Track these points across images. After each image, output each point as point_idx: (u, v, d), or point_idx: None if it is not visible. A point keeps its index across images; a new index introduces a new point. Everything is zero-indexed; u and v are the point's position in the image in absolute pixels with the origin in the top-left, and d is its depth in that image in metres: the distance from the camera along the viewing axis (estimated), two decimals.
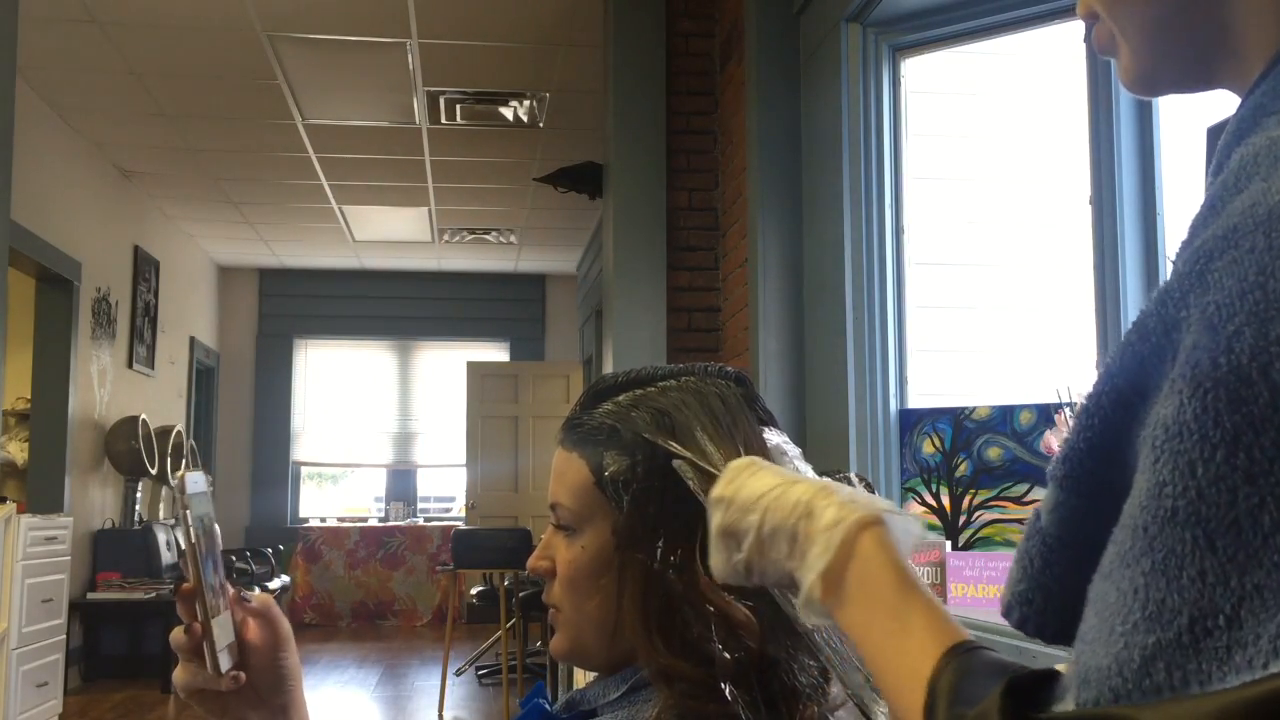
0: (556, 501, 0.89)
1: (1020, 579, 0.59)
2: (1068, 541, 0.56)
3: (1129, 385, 0.50)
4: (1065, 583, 0.56)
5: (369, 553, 9.00)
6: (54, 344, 6.00)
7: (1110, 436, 0.51)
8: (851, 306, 2.82)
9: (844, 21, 2.87)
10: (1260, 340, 0.42)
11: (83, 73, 5.23)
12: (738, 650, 0.79)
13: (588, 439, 0.88)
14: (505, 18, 4.60)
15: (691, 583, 0.81)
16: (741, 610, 0.80)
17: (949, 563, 2.35)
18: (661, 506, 0.83)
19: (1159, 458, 0.44)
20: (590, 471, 0.86)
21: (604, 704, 0.86)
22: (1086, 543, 0.51)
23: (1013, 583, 0.60)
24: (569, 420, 0.91)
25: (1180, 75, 0.61)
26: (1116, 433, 0.51)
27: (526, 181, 6.50)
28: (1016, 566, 0.60)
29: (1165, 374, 0.46)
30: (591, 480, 0.86)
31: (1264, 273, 0.43)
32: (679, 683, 0.79)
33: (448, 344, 9.63)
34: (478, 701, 6.01)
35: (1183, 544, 0.42)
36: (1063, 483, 0.55)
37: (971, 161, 2.89)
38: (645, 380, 0.90)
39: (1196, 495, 0.42)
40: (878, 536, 0.63)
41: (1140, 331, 0.49)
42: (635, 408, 0.87)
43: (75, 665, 6.11)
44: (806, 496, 0.67)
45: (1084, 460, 0.53)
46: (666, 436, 0.84)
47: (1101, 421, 0.52)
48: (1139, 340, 0.49)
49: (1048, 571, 0.57)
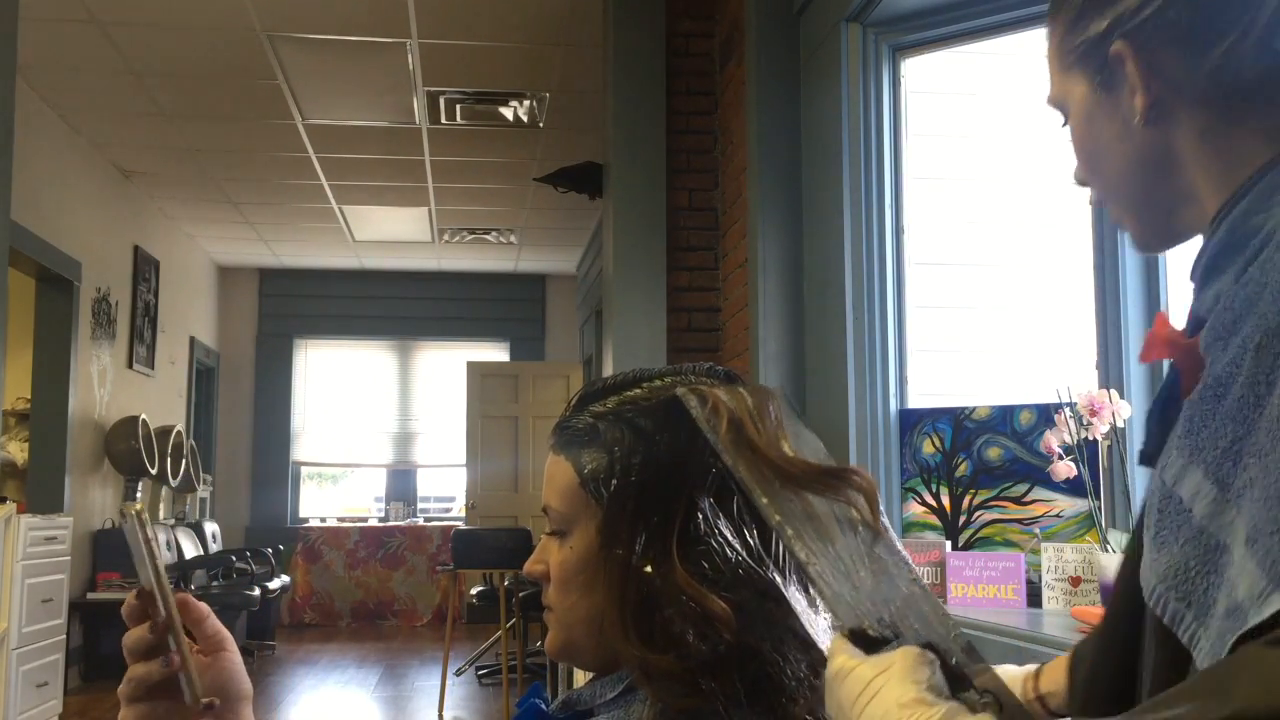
0: (548, 505, 0.90)
1: (1166, 563, 0.64)
2: (1208, 533, 0.62)
3: (1265, 381, 0.62)
4: (1198, 559, 0.62)
5: (369, 553, 9.01)
6: (54, 344, 6.00)
7: (1248, 426, 0.62)
8: (851, 306, 2.82)
9: (844, 22, 2.87)
10: None
11: (83, 73, 5.23)
12: (715, 643, 0.78)
13: (572, 441, 0.89)
14: (505, 18, 4.60)
15: (669, 576, 0.81)
16: (719, 603, 0.79)
17: (949, 563, 2.35)
18: (640, 502, 0.83)
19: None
20: (575, 472, 0.87)
21: (600, 704, 0.86)
22: (1217, 541, 0.60)
23: (1159, 568, 0.65)
24: (557, 425, 0.92)
25: (1169, 239, 0.83)
26: (1250, 423, 0.62)
27: (526, 181, 6.50)
28: (1162, 555, 0.65)
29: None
30: (576, 481, 0.87)
31: None
32: (658, 677, 0.79)
33: (448, 344, 9.63)
34: (478, 701, 6.01)
35: None
36: (1215, 476, 0.62)
37: (971, 161, 2.89)
38: (632, 382, 0.90)
39: None
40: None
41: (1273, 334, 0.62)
42: (620, 408, 0.88)
43: (75, 665, 6.11)
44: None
45: (1231, 449, 0.62)
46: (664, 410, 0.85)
47: (1246, 413, 0.63)
48: (1275, 342, 0.61)
49: (1185, 548, 0.63)
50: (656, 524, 0.82)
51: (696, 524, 0.82)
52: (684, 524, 0.82)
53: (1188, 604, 0.62)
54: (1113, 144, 0.80)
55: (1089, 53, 0.80)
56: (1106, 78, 0.79)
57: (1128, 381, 2.24)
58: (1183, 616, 0.62)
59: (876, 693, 0.65)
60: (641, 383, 0.90)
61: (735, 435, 0.77)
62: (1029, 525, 2.40)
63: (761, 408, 0.81)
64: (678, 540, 0.82)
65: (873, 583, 0.75)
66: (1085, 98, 0.82)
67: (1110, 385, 2.23)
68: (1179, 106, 0.75)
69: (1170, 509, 0.66)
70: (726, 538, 0.82)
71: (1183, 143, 0.76)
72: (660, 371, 0.91)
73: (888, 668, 0.66)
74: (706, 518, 0.82)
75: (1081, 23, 0.80)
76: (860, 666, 0.67)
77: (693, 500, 0.83)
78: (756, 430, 0.78)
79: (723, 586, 0.80)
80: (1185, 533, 0.63)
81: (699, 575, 0.81)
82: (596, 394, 0.91)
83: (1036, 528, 2.38)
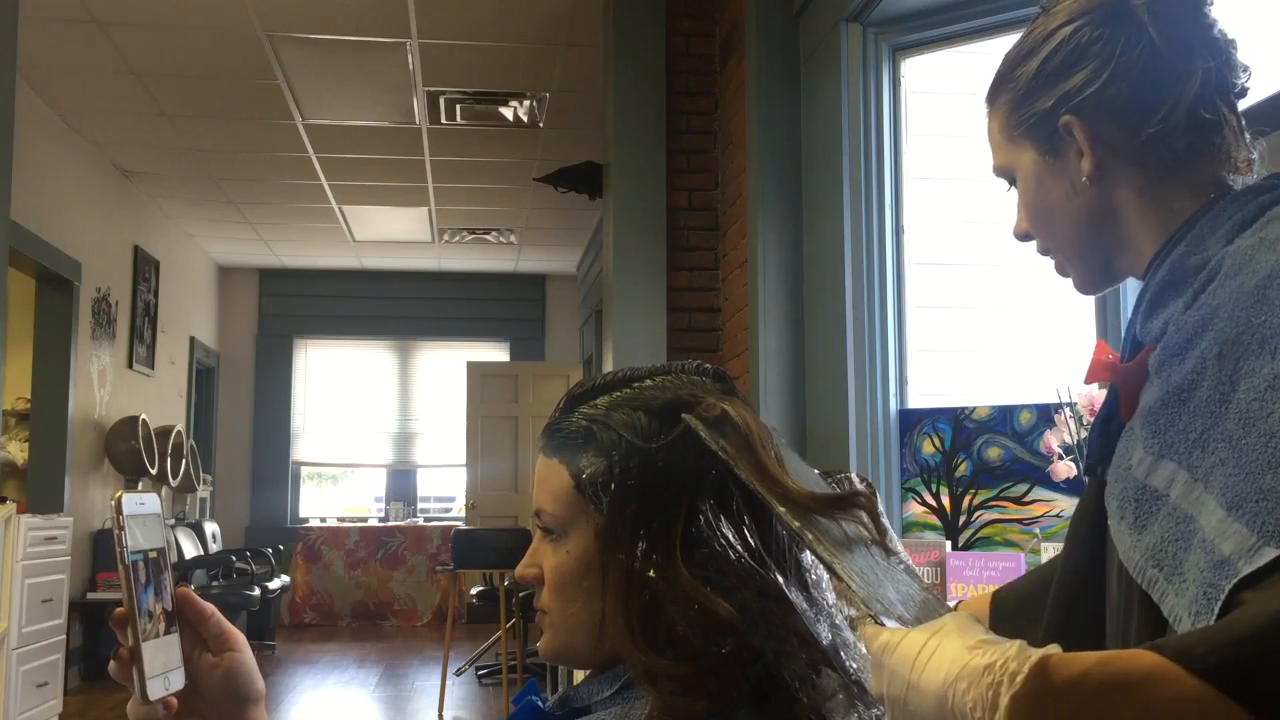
0: (540, 508, 0.88)
1: (1151, 543, 0.78)
2: (1180, 511, 0.75)
3: (1228, 377, 0.75)
4: (1173, 536, 0.76)
5: (369, 553, 9.00)
6: (54, 344, 5.99)
7: (1212, 417, 0.76)
8: (851, 306, 2.82)
9: (844, 21, 2.87)
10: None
11: (83, 73, 5.23)
12: (721, 646, 0.78)
13: (566, 444, 0.88)
14: (505, 18, 4.60)
15: (673, 580, 0.80)
16: (724, 606, 0.79)
17: (949, 563, 2.35)
18: (641, 505, 0.83)
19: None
20: (570, 476, 0.86)
21: (596, 701, 0.86)
22: (1187, 515, 0.75)
23: (1145, 549, 0.78)
24: (548, 426, 0.91)
25: (1110, 281, 0.96)
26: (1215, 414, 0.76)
27: (526, 181, 6.50)
28: (1146, 535, 0.78)
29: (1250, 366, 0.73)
30: (572, 484, 0.86)
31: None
32: (664, 681, 0.79)
33: (448, 344, 9.63)
34: (478, 701, 6.01)
35: None
36: (1185, 463, 0.77)
37: (971, 161, 2.89)
38: (622, 382, 0.89)
39: None
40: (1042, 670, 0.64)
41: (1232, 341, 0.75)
42: (612, 410, 0.87)
43: (75, 665, 6.11)
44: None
45: (1200, 438, 0.76)
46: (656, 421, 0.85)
47: (1211, 409, 0.77)
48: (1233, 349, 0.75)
49: (1163, 527, 0.77)
50: (658, 527, 0.82)
51: (698, 526, 0.82)
52: (686, 527, 0.82)
53: (1160, 568, 0.75)
54: (1061, 201, 0.92)
55: (1037, 125, 0.92)
56: (1054, 145, 0.91)
57: None
58: (1156, 580, 0.75)
59: (936, 649, 0.67)
60: (632, 383, 0.89)
61: (749, 457, 0.79)
62: (1029, 525, 2.40)
63: (764, 438, 0.83)
64: (680, 543, 0.81)
65: (893, 586, 0.77)
66: (1034, 164, 0.94)
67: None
68: (1119, 167, 0.89)
69: (1146, 498, 0.78)
70: (728, 539, 0.82)
71: (1123, 198, 0.89)
72: (650, 371, 0.90)
73: (940, 629, 0.69)
74: (708, 520, 0.82)
75: (1028, 100, 0.93)
76: (910, 634, 0.69)
77: (694, 503, 0.82)
78: (764, 452, 0.80)
79: (726, 589, 0.80)
80: (1162, 513, 0.76)
81: (703, 578, 0.80)
82: (587, 395, 0.90)
83: (1036, 528, 2.38)
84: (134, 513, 0.77)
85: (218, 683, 0.80)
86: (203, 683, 0.79)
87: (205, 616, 0.81)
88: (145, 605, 0.75)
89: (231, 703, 0.80)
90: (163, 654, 0.76)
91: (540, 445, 0.91)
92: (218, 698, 0.80)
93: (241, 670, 0.81)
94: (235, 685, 0.80)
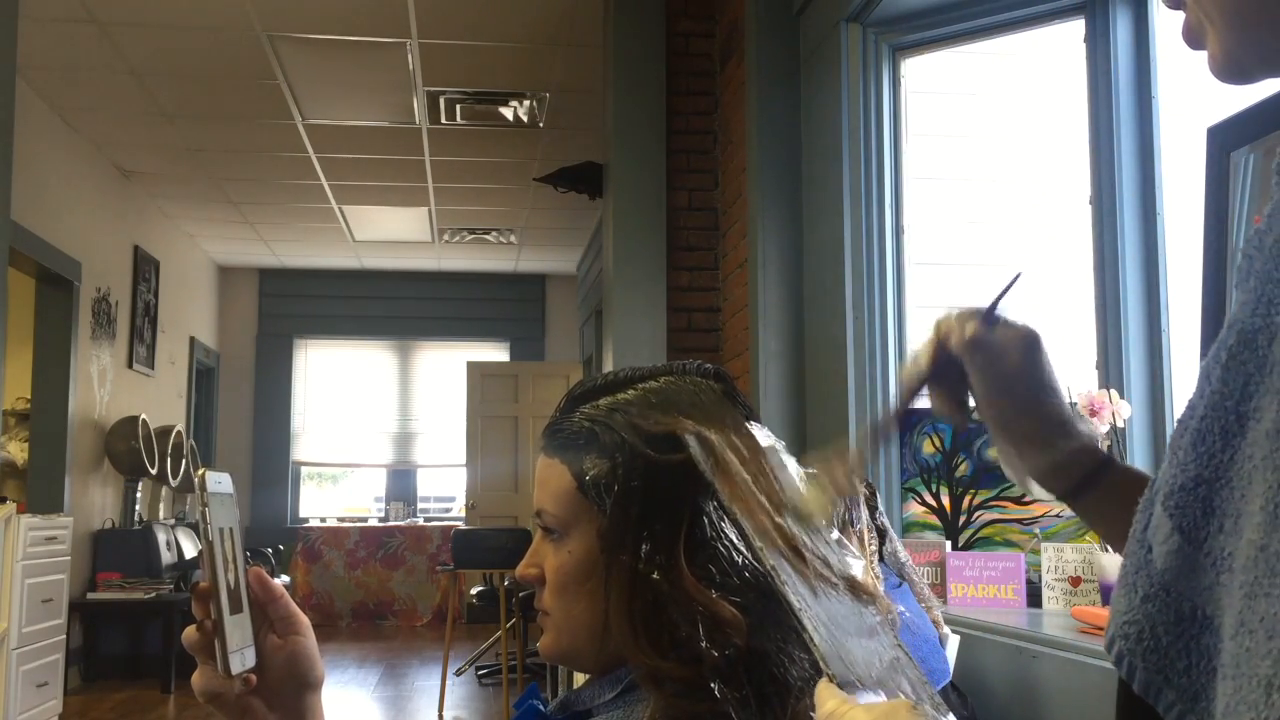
0: (541, 508, 0.88)
1: (1126, 610, 0.56)
2: (1175, 592, 0.53)
3: (1234, 403, 0.50)
4: (1166, 627, 0.53)
5: (369, 553, 9.00)
6: (54, 344, 5.99)
7: (1216, 464, 0.51)
8: (851, 306, 2.82)
9: (844, 21, 2.87)
10: None
11: (83, 73, 5.23)
12: (725, 648, 0.78)
13: (568, 444, 0.87)
14: (505, 18, 4.60)
15: (677, 582, 0.80)
16: (728, 608, 0.79)
17: (949, 563, 2.35)
18: (644, 507, 0.82)
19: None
20: (572, 476, 0.86)
21: (598, 704, 0.86)
22: (1191, 606, 0.52)
23: (1118, 615, 0.56)
24: (549, 426, 0.90)
25: (1267, 56, 0.60)
26: (1219, 461, 0.50)
27: (526, 181, 6.50)
28: (1122, 597, 0.56)
29: (1269, 388, 0.46)
30: (574, 485, 0.86)
31: None
32: (668, 683, 0.78)
33: (448, 344, 9.64)
34: (478, 701, 6.01)
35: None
36: (1177, 521, 0.53)
37: (971, 161, 2.89)
38: (623, 383, 0.89)
39: None
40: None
41: (1244, 342, 0.50)
42: (614, 410, 0.86)
43: (75, 665, 6.11)
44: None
45: (1195, 490, 0.52)
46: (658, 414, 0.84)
47: (1211, 444, 0.51)
48: (1244, 351, 0.49)
49: (1147, 606, 0.54)
50: (661, 529, 0.82)
51: (702, 528, 0.82)
52: (689, 528, 0.82)
53: (1165, 679, 0.54)
54: None
55: None
56: None
57: (1128, 381, 2.24)
58: (1161, 692, 0.54)
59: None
60: (634, 383, 0.88)
61: (732, 488, 0.78)
62: (1029, 525, 2.40)
63: (759, 464, 0.82)
64: (683, 545, 0.81)
65: (861, 639, 0.75)
66: None
67: (1110, 385, 2.23)
68: None
69: (1133, 542, 0.58)
70: (731, 540, 0.81)
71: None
72: (651, 371, 0.90)
73: (890, 715, 0.64)
74: (711, 521, 0.82)
75: None
76: (854, 710, 0.65)
77: (697, 504, 0.82)
78: (751, 483, 0.79)
79: (730, 590, 0.80)
80: (1146, 584, 0.55)
81: (706, 580, 0.80)
82: (588, 395, 0.89)
83: (1036, 528, 2.38)
84: (214, 490, 0.78)
85: (281, 665, 0.79)
86: (266, 664, 0.79)
87: (275, 597, 0.80)
88: (225, 580, 0.76)
89: (292, 685, 0.80)
90: (239, 630, 0.77)
91: (541, 445, 0.91)
92: (279, 680, 0.80)
93: (305, 654, 0.81)
94: (298, 669, 0.80)
